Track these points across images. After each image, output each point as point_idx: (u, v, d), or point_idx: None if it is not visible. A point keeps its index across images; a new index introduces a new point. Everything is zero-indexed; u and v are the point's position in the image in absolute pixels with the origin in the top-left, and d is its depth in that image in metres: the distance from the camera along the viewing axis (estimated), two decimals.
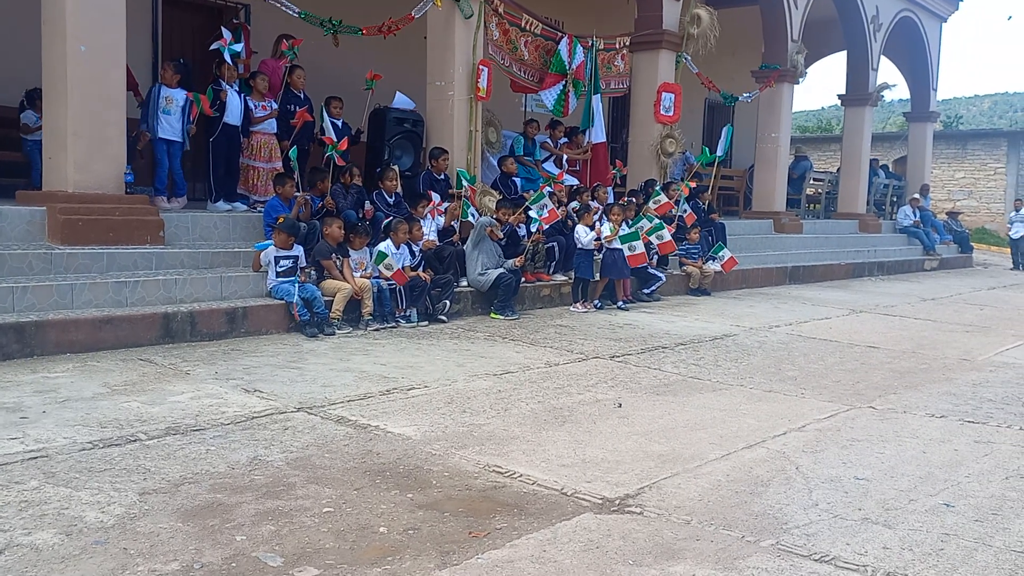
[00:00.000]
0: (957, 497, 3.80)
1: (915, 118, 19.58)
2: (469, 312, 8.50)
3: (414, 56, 10.13)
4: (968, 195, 26.33)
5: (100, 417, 4.38)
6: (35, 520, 3.09)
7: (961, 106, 43.30)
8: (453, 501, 3.50)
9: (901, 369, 6.76)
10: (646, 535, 3.23)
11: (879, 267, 15.77)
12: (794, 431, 4.78)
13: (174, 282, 6.70)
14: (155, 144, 8.08)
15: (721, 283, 11.64)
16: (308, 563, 2.86)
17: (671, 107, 12.23)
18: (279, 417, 4.57)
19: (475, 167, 9.84)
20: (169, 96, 7.98)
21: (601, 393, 5.49)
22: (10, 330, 5.53)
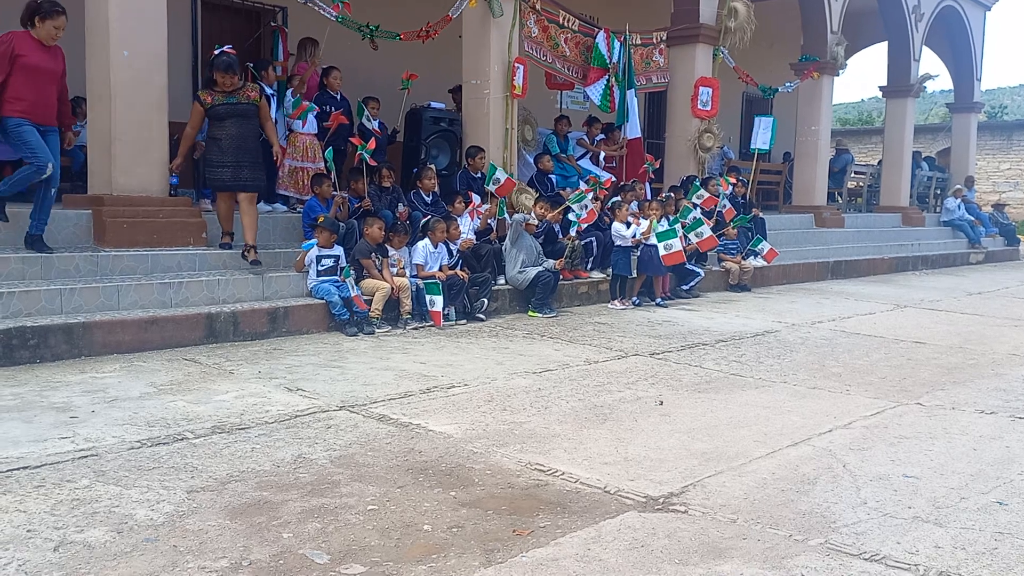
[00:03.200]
0: (1010, 495, 3.71)
1: (958, 109, 19.19)
2: (507, 310, 8.50)
3: (450, 55, 10.15)
4: (1014, 187, 25.76)
5: (148, 416, 4.45)
6: (87, 518, 3.14)
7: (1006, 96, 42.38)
8: (496, 499, 3.50)
9: (948, 365, 6.63)
10: (692, 534, 3.20)
11: (923, 261, 15.49)
12: (840, 428, 4.71)
13: (217, 283, 6.79)
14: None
15: (761, 279, 11.51)
16: (354, 560, 2.88)
17: (708, 101, 12.12)
18: (322, 416, 4.61)
19: (511, 165, 9.84)
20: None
21: (642, 391, 5.46)
22: (59, 331, 5.65)
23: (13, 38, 6.03)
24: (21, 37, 6.07)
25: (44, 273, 6.28)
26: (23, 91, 6.05)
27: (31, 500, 3.28)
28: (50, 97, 6.27)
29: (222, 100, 7.00)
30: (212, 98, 6.99)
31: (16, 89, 6.04)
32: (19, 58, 6.00)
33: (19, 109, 6.06)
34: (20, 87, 6.04)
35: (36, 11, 6.07)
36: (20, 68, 6.02)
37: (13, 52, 5.99)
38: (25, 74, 6.05)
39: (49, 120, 6.28)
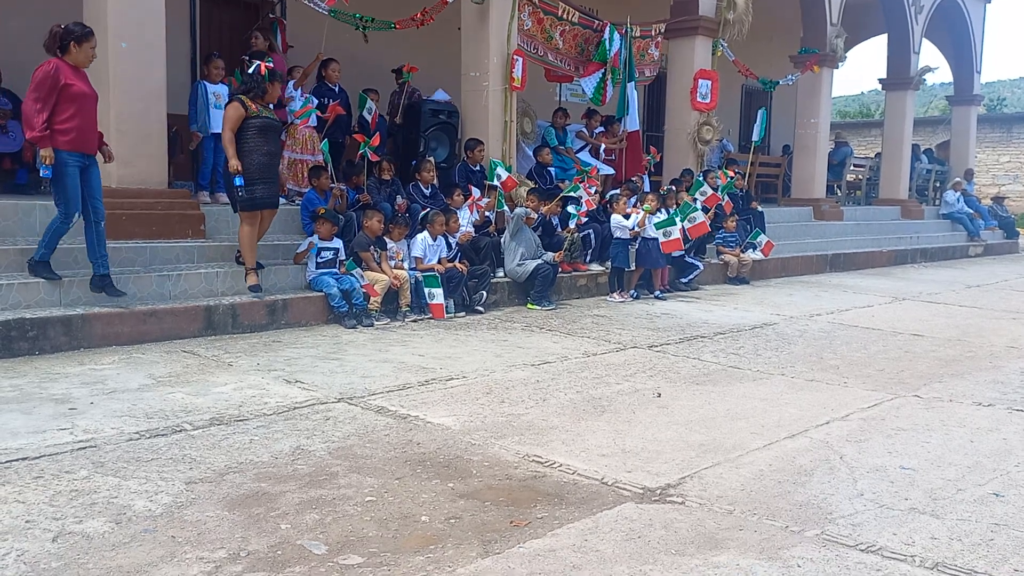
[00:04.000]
0: (1007, 487, 3.72)
1: (958, 101, 19.17)
2: (506, 303, 8.51)
3: (449, 47, 10.13)
4: (1014, 179, 25.75)
5: (146, 408, 4.46)
6: (86, 508, 3.15)
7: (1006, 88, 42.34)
8: (494, 490, 3.51)
9: (946, 357, 6.64)
10: (688, 525, 3.21)
11: (922, 254, 15.50)
12: (837, 420, 4.72)
13: (216, 275, 6.79)
14: (203, 140, 8.19)
15: (760, 272, 11.52)
16: (352, 551, 2.89)
17: (708, 94, 12.10)
18: (320, 407, 4.62)
19: (510, 158, 9.83)
20: (217, 92, 8.08)
21: (640, 383, 5.47)
22: (58, 323, 5.65)
23: (58, 66, 5.71)
24: (61, 65, 5.74)
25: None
26: (71, 121, 5.76)
27: (30, 491, 3.29)
28: (94, 124, 6.02)
29: (264, 113, 6.77)
30: (256, 108, 6.71)
31: (64, 119, 5.74)
32: (67, 87, 5.71)
33: (67, 141, 5.76)
34: (68, 117, 5.75)
35: (69, 36, 5.77)
36: (67, 97, 5.73)
37: (60, 81, 5.68)
38: (72, 103, 5.76)
39: (93, 149, 6.03)
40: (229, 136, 6.66)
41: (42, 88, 5.65)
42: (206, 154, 8.20)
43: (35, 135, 5.66)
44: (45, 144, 5.68)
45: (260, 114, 6.73)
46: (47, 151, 5.67)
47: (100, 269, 6.05)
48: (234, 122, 6.66)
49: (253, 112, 6.68)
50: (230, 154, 6.63)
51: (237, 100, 6.70)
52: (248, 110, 6.66)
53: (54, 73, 5.68)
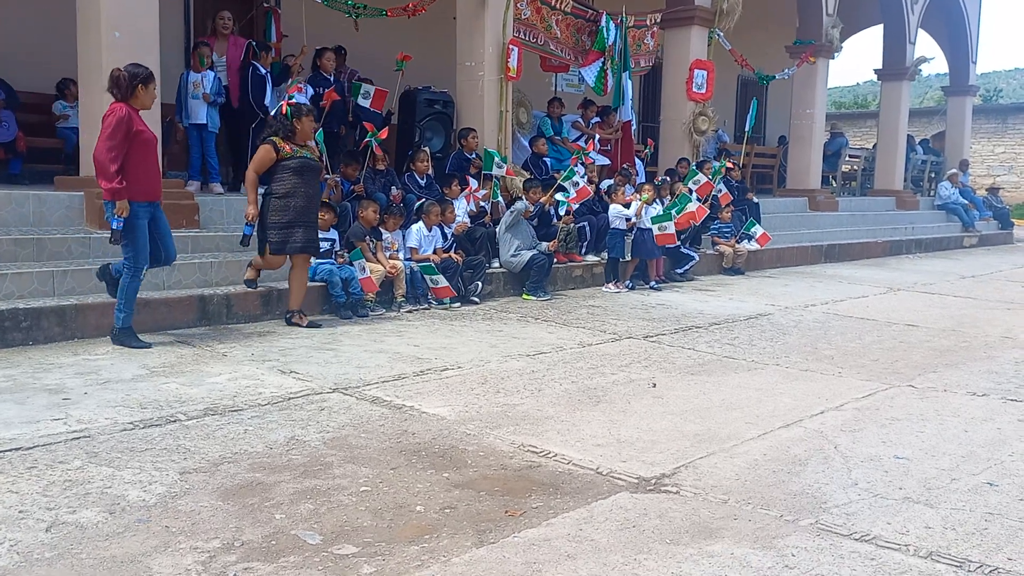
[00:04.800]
0: (1001, 476, 3.73)
1: (954, 92, 19.16)
2: (501, 293, 8.50)
3: (444, 37, 10.09)
4: (1008, 170, 25.77)
5: (140, 398, 4.45)
6: (79, 499, 3.15)
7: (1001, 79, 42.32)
8: (489, 480, 3.51)
9: (941, 347, 6.65)
10: (683, 514, 3.22)
11: (917, 244, 15.51)
12: (832, 410, 4.72)
13: (210, 265, 6.77)
14: (187, 131, 8.15)
15: (755, 262, 11.52)
16: (346, 541, 2.89)
17: (703, 84, 12.07)
18: (315, 398, 4.61)
19: (506, 148, 9.81)
20: (196, 81, 8.02)
21: (635, 373, 5.47)
22: (51, 313, 5.63)
23: (129, 112, 5.47)
24: (131, 111, 5.50)
25: (37, 255, 6.25)
26: (140, 170, 5.53)
27: (23, 481, 3.28)
28: (159, 170, 5.83)
29: (299, 153, 6.40)
30: (291, 148, 6.36)
31: (135, 169, 5.49)
32: (138, 134, 5.48)
33: (139, 191, 5.52)
34: (138, 166, 5.51)
35: (136, 80, 5.52)
36: (138, 145, 5.50)
37: (133, 127, 5.45)
38: (142, 149, 5.55)
39: (160, 195, 5.79)
40: (252, 177, 6.33)
41: (116, 136, 5.37)
42: (191, 143, 8.13)
43: (112, 187, 5.36)
44: (122, 196, 5.39)
45: (295, 154, 6.36)
46: (123, 204, 5.39)
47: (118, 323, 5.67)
48: (260, 164, 6.33)
49: (287, 153, 6.31)
50: (250, 198, 6.32)
51: (269, 142, 6.34)
52: (281, 151, 6.30)
53: (127, 120, 5.41)
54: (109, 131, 5.39)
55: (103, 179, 5.43)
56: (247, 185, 6.39)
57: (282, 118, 6.42)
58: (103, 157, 5.40)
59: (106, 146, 5.39)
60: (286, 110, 6.43)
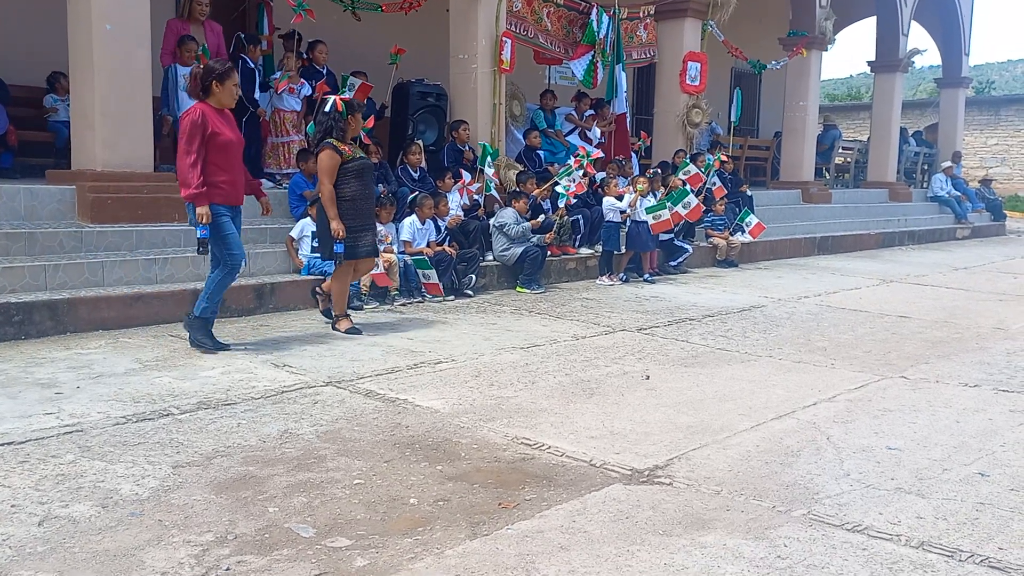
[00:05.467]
0: (992, 466, 3.75)
1: (946, 84, 19.17)
2: (495, 286, 8.50)
3: (437, 29, 10.06)
4: (1001, 162, 25.82)
5: (133, 392, 4.44)
6: (72, 493, 3.14)
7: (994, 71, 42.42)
8: (482, 473, 3.51)
9: (933, 339, 6.67)
10: (676, 506, 3.22)
11: (910, 236, 15.54)
12: (824, 401, 4.74)
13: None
14: (173, 123, 8.05)
15: (748, 254, 11.54)
16: (340, 534, 2.89)
17: (697, 76, 12.06)
18: (308, 391, 4.61)
19: (499, 140, 9.79)
20: (187, 75, 7.95)
21: (628, 365, 5.48)
22: (43, 307, 5.61)
23: (203, 111, 5.25)
24: (207, 110, 5.30)
25: (28, 249, 6.22)
26: (221, 173, 5.31)
27: (15, 475, 3.28)
28: (242, 171, 5.57)
29: (358, 154, 6.14)
30: (349, 150, 6.05)
31: (214, 171, 5.28)
32: (214, 136, 5.26)
33: (219, 194, 5.32)
34: (217, 168, 5.29)
35: (211, 76, 5.31)
36: (216, 148, 5.28)
37: (208, 129, 5.24)
38: (222, 153, 5.32)
39: (242, 200, 5.57)
40: (329, 191, 5.94)
41: (192, 139, 5.18)
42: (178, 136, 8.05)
43: (190, 192, 5.18)
44: (203, 202, 5.18)
45: (355, 156, 6.07)
46: (204, 209, 5.21)
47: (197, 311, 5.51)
48: (333, 171, 5.95)
49: (348, 156, 6.00)
50: (332, 214, 5.92)
51: (329, 146, 5.96)
52: (343, 155, 5.98)
53: (201, 121, 5.21)
54: (185, 136, 5.21)
55: (181, 184, 5.25)
56: (327, 200, 5.96)
57: (337, 115, 6.00)
58: (180, 162, 5.24)
59: (182, 150, 5.21)
60: (341, 107, 6.02)
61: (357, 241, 6.06)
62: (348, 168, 6.01)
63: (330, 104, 6.01)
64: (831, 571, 2.73)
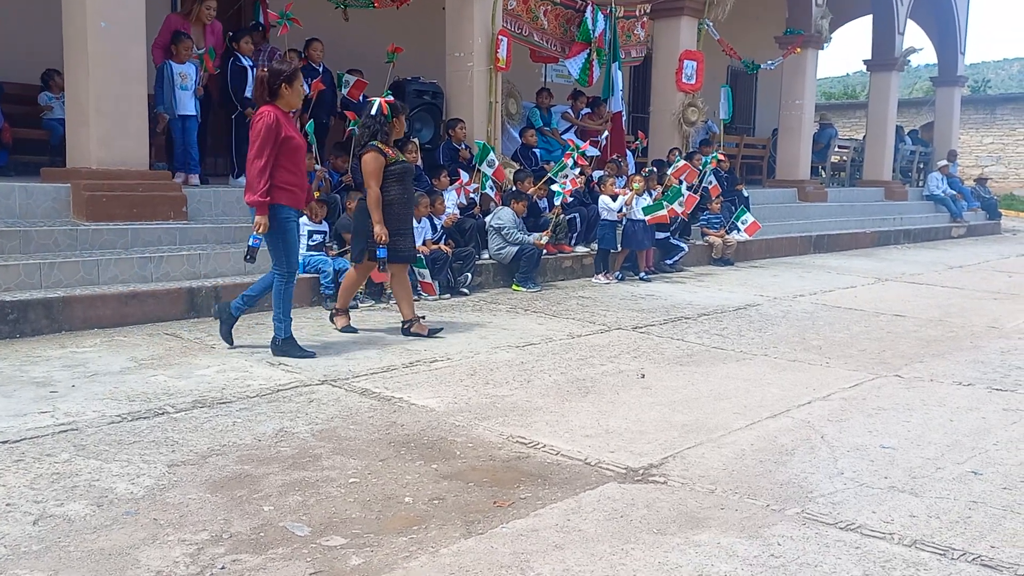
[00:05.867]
0: (985, 465, 3.77)
1: (942, 83, 19.21)
2: (491, 284, 8.50)
3: (433, 27, 10.06)
4: (996, 161, 25.88)
5: (128, 391, 4.43)
6: (67, 491, 3.14)
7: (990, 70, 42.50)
8: (477, 471, 3.52)
9: (928, 337, 6.69)
10: (670, 504, 3.23)
11: (905, 235, 15.57)
12: (819, 400, 4.75)
13: (198, 257, 6.74)
14: (171, 121, 8.01)
15: (744, 253, 11.55)
16: (335, 532, 2.90)
17: (693, 75, 12.08)
18: (304, 390, 4.61)
19: (495, 139, 9.79)
20: (183, 72, 7.92)
21: (624, 364, 5.49)
22: (38, 306, 5.60)
23: (276, 115, 5.15)
24: (278, 113, 5.19)
25: (23, 247, 6.21)
26: (290, 175, 5.24)
27: (10, 474, 3.28)
28: (306, 179, 5.52)
29: (400, 157, 6.03)
30: (393, 152, 5.93)
31: (284, 174, 5.20)
32: (287, 140, 5.18)
33: (288, 197, 5.27)
34: (287, 171, 5.22)
35: (279, 78, 5.20)
36: (287, 151, 5.20)
37: (280, 133, 5.14)
38: (292, 155, 5.25)
39: (304, 206, 5.59)
40: (376, 194, 5.80)
41: (265, 144, 5.09)
42: (174, 135, 8.01)
43: (256, 199, 5.12)
44: (264, 211, 5.13)
45: (398, 159, 5.97)
46: (263, 219, 5.15)
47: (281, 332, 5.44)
48: (379, 174, 5.82)
49: (391, 159, 5.88)
50: (377, 217, 5.79)
51: (374, 148, 5.82)
52: (388, 157, 5.86)
53: (275, 125, 5.11)
54: (258, 140, 5.11)
55: (248, 188, 5.18)
56: (372, 203, 5.83)
57: (382, 118, 5.87)
58: (250, 166, 5.15)
59: (253, 154, 5.13)
60: (387, 109, 5.88)
61: (397, 245, 5.98)
62: (391, 171, 5.90)
63: (376, 106, 5.89)
64: (824, 570, 2.74)
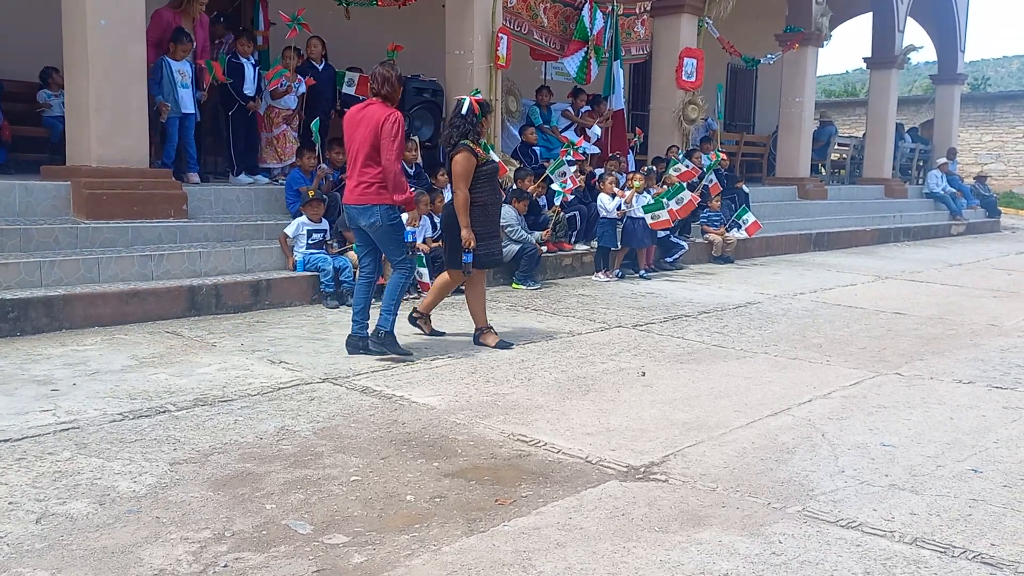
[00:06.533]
0: (985, 463, 3.77)
1: (942, 81, 19.21)
2: (491, 282, 8.48)
3: (433, 25, 10.05)
4: (996, 158, 25.88)
5: (129, 389, 4.44)
6: (69, 490, 3.14)
7: (989, 68, 42.47)
8: (479, 470, 3.52)
9: (928, 335, 6.70)
10: (672, 502, 3.24)
11: (905, 232, 15.58)
12: (819, 398, 4.76)
13: (198, 255, 6.74)
14: (168, 119, 7.98)
15: (744, 251, 11.55)
16: (337, 530, 2.90)
17: (693, 73, 12.07)
18: (305, 388, 4.61)
19: (495, 136, 9.79)
20: (182, 70, 7.90)
21: (624, 362, 5.49)
22: (39, 304, 5.61)
23: None
24: None
25: (23, 245, 6.21)
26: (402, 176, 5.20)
27: (12, 473, 3.28)
28: None
29: (490, 157, 5.83)
30: (483, 152, 5.72)
31: (399, 174, 5.16)
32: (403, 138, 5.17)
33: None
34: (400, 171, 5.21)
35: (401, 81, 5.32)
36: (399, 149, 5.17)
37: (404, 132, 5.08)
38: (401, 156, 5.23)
39: None
40: (464, 196, 5.57)
41: (402, 144, 5.14)
42: (171, 131, 7.95)
43: (407, 196, 5.15)
44: (413, 207, 5.16)
45: (489, 159, 5.79)
46: (415, 214, 5.12)
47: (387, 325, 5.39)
48: (469, 175, 5.60)
49: (483, 159, 5.68)
50: (464, 221, 5.57)
51: (466, 148, 5.59)
52: (479, 157, 5.65)
53: (405, 125, 5.16)
54: (397, 140, 5.09)
55: (398, 190, 5.16)
56: (461, 206, 5.60)
57: (473, 117, 5.67)
58: (392, 166, 5.11)
59: (394, 155, 5.10)
60: (477, 108, 5.70)
61: (488, 248, 5.79)
62: (482, 172, 5.69)
63: (466, 106, 5.70)
64: (825, 567, 2.74)
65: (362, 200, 5.22)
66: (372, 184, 5.20)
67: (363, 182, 5.22)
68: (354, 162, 5.28)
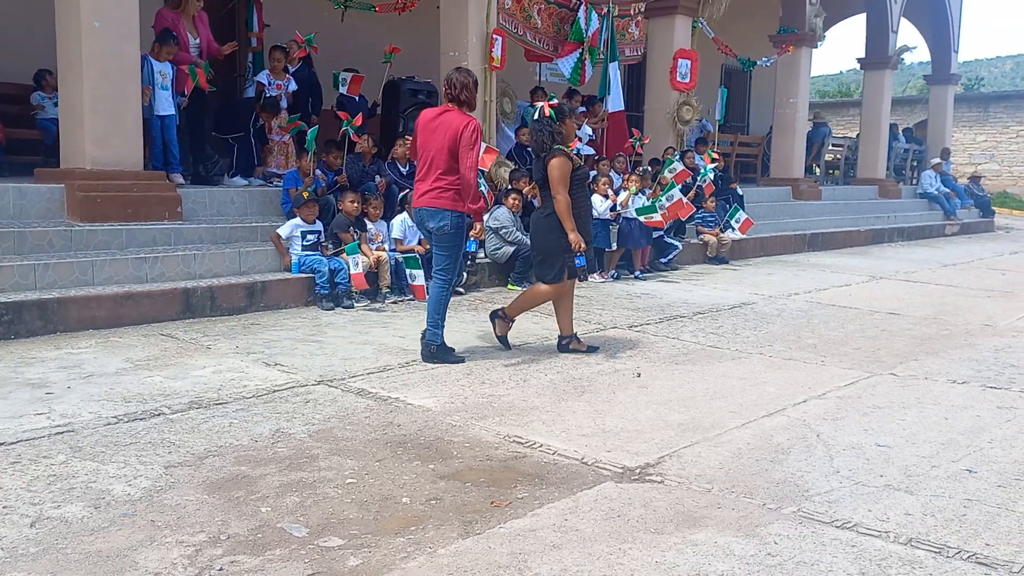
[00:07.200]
0: (980, 463, 3.78)
1: (936, 81, 19.26)
2: (486, 284, 8.50)
3: (428, 26, 10.05)
4: (990, 158, 25.97)
5: (124, 392, 4.43)
6: (64, 493, 3.14)
7: (983, 68, 42.64)
8: (474, 471, 3.52)
9: (922, 336, 6.71)
10: (667, 503, 3.24)
11: (899, 233, 15.62)
12: (814, 399, 4.77)
13: (193, 257, 6.73)
14: (149, 120, 7.90)
15: (739, 251, 11.57)
16: (332, 533, 2.90)
17: (687, 74, 12.09)
18: (300, 390, 4.61)
19: (490, 138, 9.79)
20: (163, 71, 7.86)
21: (620, 363, 5.49)
22: (33, 307, 5.59)
23: None
24: None
25: (17, 248, 6.20)
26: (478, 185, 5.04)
27: (7, 476, 3.27)
28: None
29: (580, 161, 5.68)
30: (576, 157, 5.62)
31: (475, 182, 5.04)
32: None
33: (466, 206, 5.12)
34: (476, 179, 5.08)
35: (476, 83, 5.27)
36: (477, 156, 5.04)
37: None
38: None
39: None
40: (566, 201, 5.41)
41: (479, 151, 5.00)
42: (153, 133, 7.90)
43: (481, 206, 5.11)
44: (480, 218, 5.11)
45: (581, 163, 5.67)
46: (483, 225, 5.03)
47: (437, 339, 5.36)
48: (567, 180, 5.43)
49: (576, 163, 5.56)
50: (570, 226, 5.43)
51: (562, 153, 5.45)
52: (573, 161, 5.52)
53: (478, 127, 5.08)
54: (476, 148, 5.01)
55: (474, 199, 5.12)
56: (564, 211, 5.42)
57: (547, 121, 5.49)
58: (470, 174, 5.03)
59: (472, 162, 5.02)
60: (549, 112, 5.52)
61: (588, 253, 5.68)
62: (576, 176, 5.54)
63: (538, 111, 5.58)
64: (821, 568, 2.75)
65: (435, 204, 5.17)
66: (448, 190, 5.17)
67: (438, 187, 5.17)
68: (428, 167, 5.21)
